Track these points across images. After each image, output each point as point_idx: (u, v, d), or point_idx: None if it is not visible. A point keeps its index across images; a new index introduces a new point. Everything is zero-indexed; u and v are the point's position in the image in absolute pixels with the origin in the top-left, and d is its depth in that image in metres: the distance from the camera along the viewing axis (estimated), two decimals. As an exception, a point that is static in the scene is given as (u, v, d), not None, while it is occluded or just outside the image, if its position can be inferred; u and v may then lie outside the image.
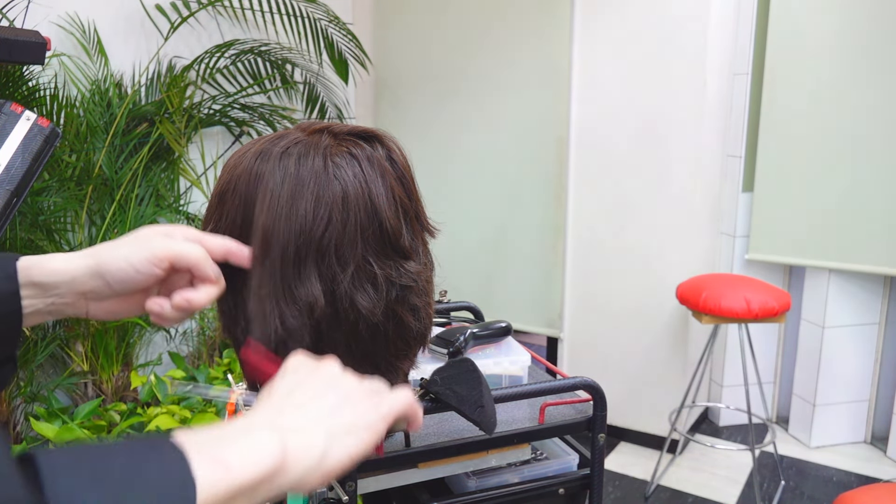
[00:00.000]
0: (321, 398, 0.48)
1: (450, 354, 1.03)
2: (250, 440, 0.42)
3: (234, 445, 0.41)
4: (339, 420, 0.47)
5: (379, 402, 0.50)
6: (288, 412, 0.46)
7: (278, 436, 0.43)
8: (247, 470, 0.40)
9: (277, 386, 0.49)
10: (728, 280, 2.40)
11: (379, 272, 0.63)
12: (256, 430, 0.43)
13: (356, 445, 0.47)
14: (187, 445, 0.39)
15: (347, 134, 0.65)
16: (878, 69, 2.50)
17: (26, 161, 1.16)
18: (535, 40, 2.80)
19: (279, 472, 0.42)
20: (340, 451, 0.45)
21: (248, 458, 0.40)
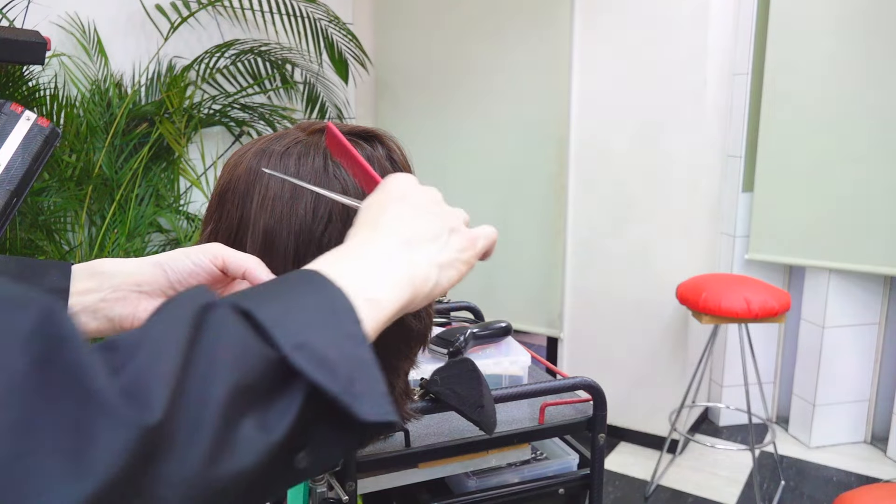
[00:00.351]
0: (431, 228, 0.50)
1: (450, 354, 1.03)
2: (391, 275, 0.45)
3: (379, 281, 0.44)
4: (446, 254, 0.50)
5: (475, 238, 0.53)
6: (407, 238, 0.48)
7: (409, 269, 0.46)
8: (392, 304, 0.44)
9: (388, 205, 0.51)
10: (728, 280, 2.40)
11: None
12: (393, 262, 0.46)
13: (456, 277, 0.51)
14: (343, 285, 0.41)
15: (347, 134, 0.65)
16: (878, 69, 2.50)
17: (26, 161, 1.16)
18: (535, 40, 2.80)
19: (409, 303, 0.46)
20: (444, 282, 0.50)
21: (392, 294, 0.44)
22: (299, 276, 0.41)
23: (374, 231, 0.48)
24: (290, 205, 0.60)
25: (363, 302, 0.41)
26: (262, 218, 0.61)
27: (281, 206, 0.60)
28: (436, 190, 0.54)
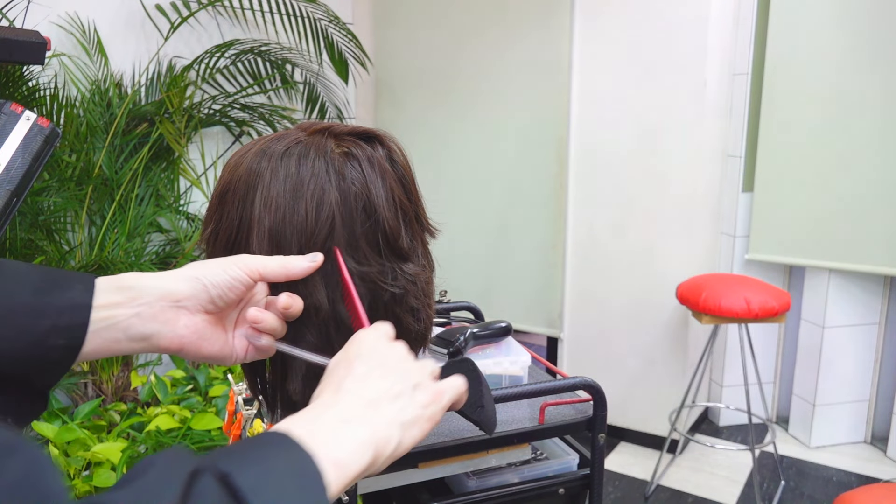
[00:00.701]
0: (394, 388, 0.51)
1: (450, 354, 1.03)
2: (354, 438, 0.46)
3: (343, 444, 0.45)
4: (409, 412, 0.50)
5: (440, 393, 0.54)
6: (370, 399, 0.49)
7: (372, 432, 0.47)
8: (356, 466, 0.45)
9: (354, 364, 0.52)
10: (728, 280, 2.40)
11: (376, 274, 0.63)
12: (355, 425, 0.47)
13: (419, 435, 0.51)
14: (311, 449, 0.43)
15: (348, 134, 0.65)
16: (878, 69, 2.50)
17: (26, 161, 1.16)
18: (535, 40, 2.80)
19: (372, 464, 0.47)
20: (408, 442, 0.50)
21: (355, 457, 0.45)
22: (272, 437, 0.43)
23: (337, 393, 0.50)
24: (291, 205, 0.60)
25: (330, 465, 0.43)
26: (266, 217, 0.61)
27: (284, 205, 0.60)
28: (402, 345, 0.56)
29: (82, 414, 1.88)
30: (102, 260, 1.96)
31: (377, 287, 0.63)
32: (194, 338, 0.57)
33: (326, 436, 0.45)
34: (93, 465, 1.65)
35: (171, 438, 1.74)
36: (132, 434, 1.80)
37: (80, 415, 1.88)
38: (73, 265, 2.04)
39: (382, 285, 0.63)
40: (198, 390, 2.10)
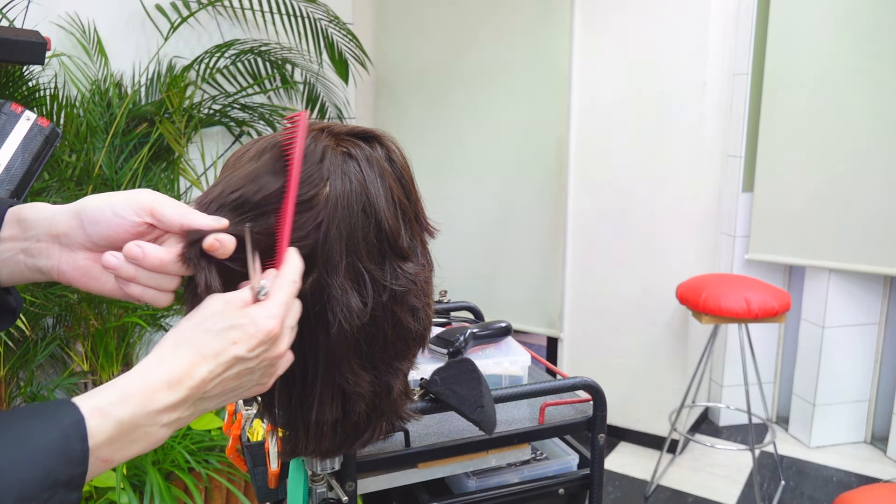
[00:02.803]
0: (229, 384, 0.53)
1: (450, 354, 1.02)
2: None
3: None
4: (230, 397, 0.54)
5: (264, 383, 0.56)
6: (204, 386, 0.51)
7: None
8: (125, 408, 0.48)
9: (204, 335, 0.52)
10: (728, 280, 2.40)
11: (376, 273, 0.63)
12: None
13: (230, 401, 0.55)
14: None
15: (347, 134, 0.65)
16: (878, 69, 2.50)
17: (26, 161, 1.16)
18: (535, 40, 2.80)
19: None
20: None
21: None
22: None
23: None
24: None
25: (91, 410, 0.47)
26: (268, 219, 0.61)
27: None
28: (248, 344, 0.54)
29: (82, 414, 1.88)
30: (102, 260, 1.96)
31: (377, 286, 0.63)
32: (77, 275, 0.56)
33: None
34: (93, 465, 1.64)
35: (171, 438, 1.74)
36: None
37: (80, 415, 1.87)
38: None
39: (382, 284, 0.63)
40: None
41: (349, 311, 0.61)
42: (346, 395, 0.65)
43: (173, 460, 1.68)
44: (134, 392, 0.48)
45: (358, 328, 0.62)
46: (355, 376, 0.64)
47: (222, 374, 0.52)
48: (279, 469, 0.85)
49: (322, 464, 0.80)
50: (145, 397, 0.48)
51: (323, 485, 0.83)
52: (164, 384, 0.49)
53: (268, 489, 0.89)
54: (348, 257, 0.61)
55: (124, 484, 1.55)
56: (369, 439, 0.71)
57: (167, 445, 1.72)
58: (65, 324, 2.11)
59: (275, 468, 0.85)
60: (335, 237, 0.60)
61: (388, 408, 0.70)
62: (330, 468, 0.81)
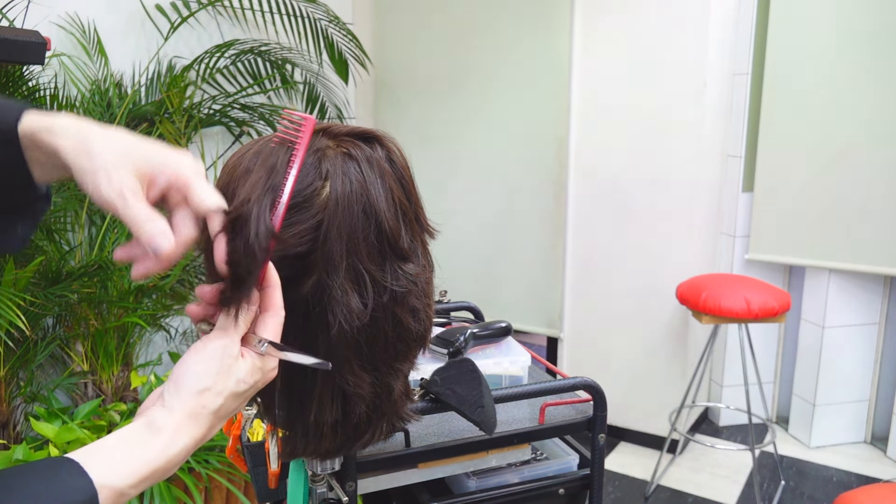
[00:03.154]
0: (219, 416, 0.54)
1: (450, 354, 1.02)
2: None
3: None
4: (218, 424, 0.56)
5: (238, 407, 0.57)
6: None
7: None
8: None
9: (199, 386, 0.53)
10: (728, 280, 2.40)
11: (376, 274, 0.63)
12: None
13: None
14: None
15: (346, 135, 0.65)
16: (877, 69, 2.50)
17: (26, 161, 1.16)
18: (535, 40, 2.80)
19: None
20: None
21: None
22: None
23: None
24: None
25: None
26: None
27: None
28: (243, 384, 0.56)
29: (82, 414, 1.88)
30: (102, 260, 1.96)
31: (377, 287, 0.63)
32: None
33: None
34: (93, 465, 1.64)
35: (171, 438, 1.74)
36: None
37: (80, 415, 1.88)
38: (73, 265, 2.04)
39: (383, 285, 0.63)
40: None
41: (349, 311, 0.61)
42: (347, 396, 0.65)
43: (173, 460, 1.68)
44: (158, 472, 0.50)
45: (358, 329, 0.62)
46: (356, 377, 0.64)
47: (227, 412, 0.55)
48: (279, 469, 0.85)
49: (322, 464, 0.80)
50: (166, 472, 0.51)
51: (323, 485, 0.83)
52: (185, 455, 0.52)
53: (268, 489, 0.89)
54: (349, 258, 0.61)
55: (124, 484, 1.54)
56: (370, 440, 0.71)
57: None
58: (65, 324, 2.11)
59: (275, 468, 0.85)
60: (335, 238, 0.60)
61: (389, 408, 0.70)
62: (330, 468, 0.81)
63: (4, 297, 1.54)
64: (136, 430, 0.51)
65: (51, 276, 1.91)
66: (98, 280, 1.97)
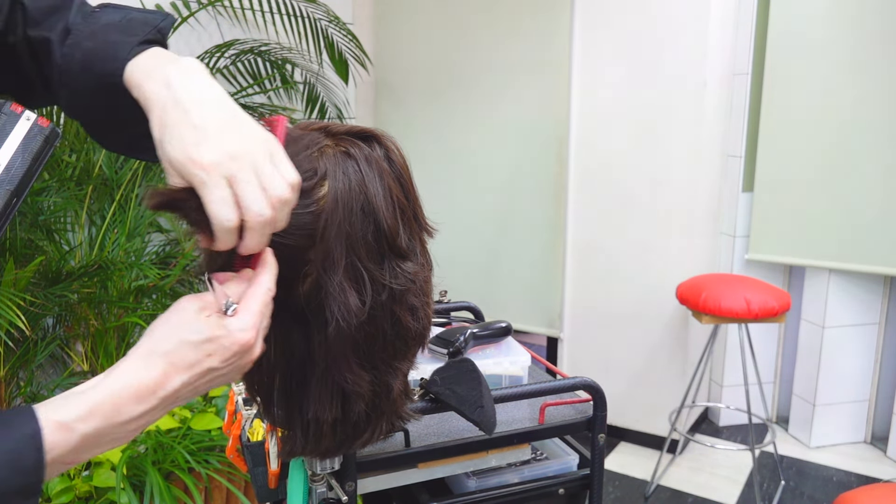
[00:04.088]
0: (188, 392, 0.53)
1: (450, 354, 1.02)
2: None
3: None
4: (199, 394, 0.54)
5: (233, 379, 0.56)
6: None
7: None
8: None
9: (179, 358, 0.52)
10: (728, 280, 2.40)
11: (375, 272, 0.63)
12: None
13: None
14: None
15: (345, 134, 0.65)
16: (877, 68, 2.50)
17: (26, 161, 1.16)
18: (535, 40, 2.80)
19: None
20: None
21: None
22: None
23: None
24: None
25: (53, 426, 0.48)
26: None
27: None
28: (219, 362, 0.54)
29: (82, 414, 1.88)
30: (102, 260, 1.96)
31: (376, 285, 0.63)
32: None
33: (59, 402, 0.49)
34: (93, 465, 1.65)
35: (171, 438, 1.74)
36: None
37: (80, 415, 1.87)
38: (73, 265, 2.04)
39: (381, 283, 0.63)
40: (198, 390, 2.10)
41: (348, 310, 0.61)
42: (346, 395, 0.65)
43: (173, 460, 1.68)
44: (102, 406, 0.49)
45: (357, 327, 0.62)
46: (354, 376, 0.64)
47: (195, 383, 0.53)
48: (279, 469, 0.85)
49: (322, 464, 0.80)
50: (113, 411, 0.49)
51: (323, 485, 0.83)
52: (133, 397, 0.50)
53: (268, 489, 0.89)
54: (348, 257, 0.61)
55: (124, 484, 1.55)
56: (369, 439, 0.71)
57: (167, 445, 1.72)
58: (65, 324, 2.11)
59: (275, 468, 0.85)
60: (335, 236, 0.60)
61: (388, 408, 0.70)
62: (330, 468, 0.81)
63: (4, 297, 1.54)
64: (99, 375, 0.52)
65: (51, 276, 1.91)
66: (98, 280, 1.97)
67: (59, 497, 1.53)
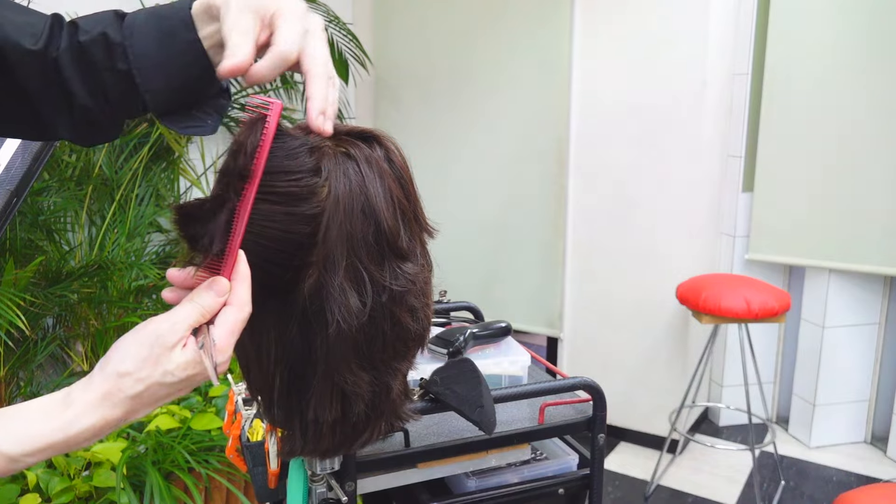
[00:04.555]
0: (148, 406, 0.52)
1: (450, 354, 1.02)
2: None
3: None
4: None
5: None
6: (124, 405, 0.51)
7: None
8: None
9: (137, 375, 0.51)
10: (728, 280, 2.40)
11: (375, 273, 0.63)
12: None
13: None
14: None
15: (345, 134, 0.65)
16: (877, 69, 2.50)
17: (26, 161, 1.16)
18: (535, 40, 2.80)
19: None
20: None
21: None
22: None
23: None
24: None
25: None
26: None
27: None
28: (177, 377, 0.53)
29: (82, 414, 1.88)
30: (102, 260, 1.96)
31: (376, 286, 0.63)
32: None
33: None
34: (93, 465, 1.65)
35: (171, 438, 1.74)
36: (132, 434, 1.81)
37: (80, 415, 1.87)
38: (73, 265, 2.04)
39: (382, 285, 0.63)
40: (198, 390, 2.10)
41: (348, 311, 0.61)
42: (345, 396, 0.65)
43: (173, 460, 1.68)
44: (56, 445, 0.49)
45: (357, 328, 0.62)
46: (354, 377, 0.64)
47: (155, 406, 0.53)
48: (279, 469, 0.85)
49: (322, 464, 0.81)
50: (66, 447, 0.50)
51: (322, 485, 0.83)
52: (93, 436, 0.50)
53: (267, 489, 0.89)
54: (348, 258, 0.61)
55: (124, 484, 1.55)
56: (368, 439, 0.71)
57: (167, 445, 1.72)
58: (65, 324, 2.11)
59: (274, 468, 0.85)
60: (335, 238, 0.60)
61: (387, 408, 0.70)
62: (329, 468, 0.81)
63: (4, 297, 1.54)
64: (54, 399, 0.50)
65: (51, 276, 1.91)
66: (98, 280, 1.97)
67: (59, 497, 1.53)
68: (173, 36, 0.61)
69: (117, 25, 0.62)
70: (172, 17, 0.61)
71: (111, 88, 0.62)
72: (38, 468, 1.57)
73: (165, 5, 0.62)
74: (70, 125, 0.66)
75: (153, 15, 0.62)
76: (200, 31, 0.60)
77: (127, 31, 0.61)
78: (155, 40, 0.61)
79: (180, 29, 0.61)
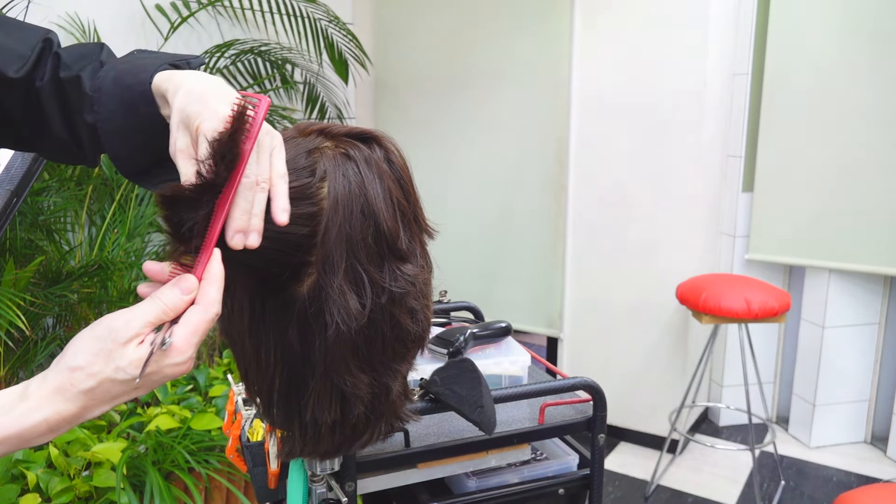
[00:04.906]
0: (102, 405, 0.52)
1: (450, 355, 1.02)
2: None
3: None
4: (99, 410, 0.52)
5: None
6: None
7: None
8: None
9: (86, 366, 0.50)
10: (728, 280, 2.40)
11: (375, 275, 0.63)
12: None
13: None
14: None
15: (345, 135, 0.65)
16: (877, 69, 2.49)
17: (26, 161, 1.16)
18: (535, 40, 2.80)
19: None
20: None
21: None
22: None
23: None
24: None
25: None
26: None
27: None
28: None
29: (82, 414, 1.88)
30: (102, 260, 1.96)
31: (376, 288, 0.63)
32: None
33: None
34: (93, 465, 1.65)
35: (171, 438, 1.74)
36: (132, 434, 1.81)
37: (80, 415, 1.87)
38: (73, 265, 2.04)
39: (381, 286, 0.63)
40: (198, 390, 2.10)
41: (347, 313, 0.61)
42: (344, 397, 0.65)
43: (173, 460, 1.68)
44: (10, 439, 0.49)
45: (356, 330, 0.62)
46: (353, 378, 0.64)
47: (112, 404, 0.52)
48: (279, 469, 0.85)
49: (322, 464, 0.80)
50: (21, 442, 0.49)
51: (322, 485, 0.83)
52: (47, 431, 0.50)
53: (267, 489, 0.89)
54: (348, 259, 0.61)
55: (124, 484, 1.55)
56: (368, 440, 0.71)
57: (167, 445, 1.72)
58: (65, 324, 2.11)
59: (274, 468, 0.85)
60: (335, 239, 0.60)
61: (387, 409, 0.70)
62: (330, 468, 0.81)
63: (4, 297, 1.54)
64: (13, 392, 0.50)
65: (51, 276, 1.91)
66: (98, 280, 1.97)
67: (59, 497, 1.53)
68: (135, 108, 0.62)
69: (95, 68, 0.64)
70: (134, 88, 0.62)
71: (83, 132, 0.65)
72: (39, 468, 1.57)
73: (131, 71, 0.63)
74: (49, 150, 0.68)
75: (118, 83, 0.62)
76: (162, 109, 0.61)
77: (96, 85, 0.63)
78: (120, 106, 0.62)
79: (141, 103, 0.62)
